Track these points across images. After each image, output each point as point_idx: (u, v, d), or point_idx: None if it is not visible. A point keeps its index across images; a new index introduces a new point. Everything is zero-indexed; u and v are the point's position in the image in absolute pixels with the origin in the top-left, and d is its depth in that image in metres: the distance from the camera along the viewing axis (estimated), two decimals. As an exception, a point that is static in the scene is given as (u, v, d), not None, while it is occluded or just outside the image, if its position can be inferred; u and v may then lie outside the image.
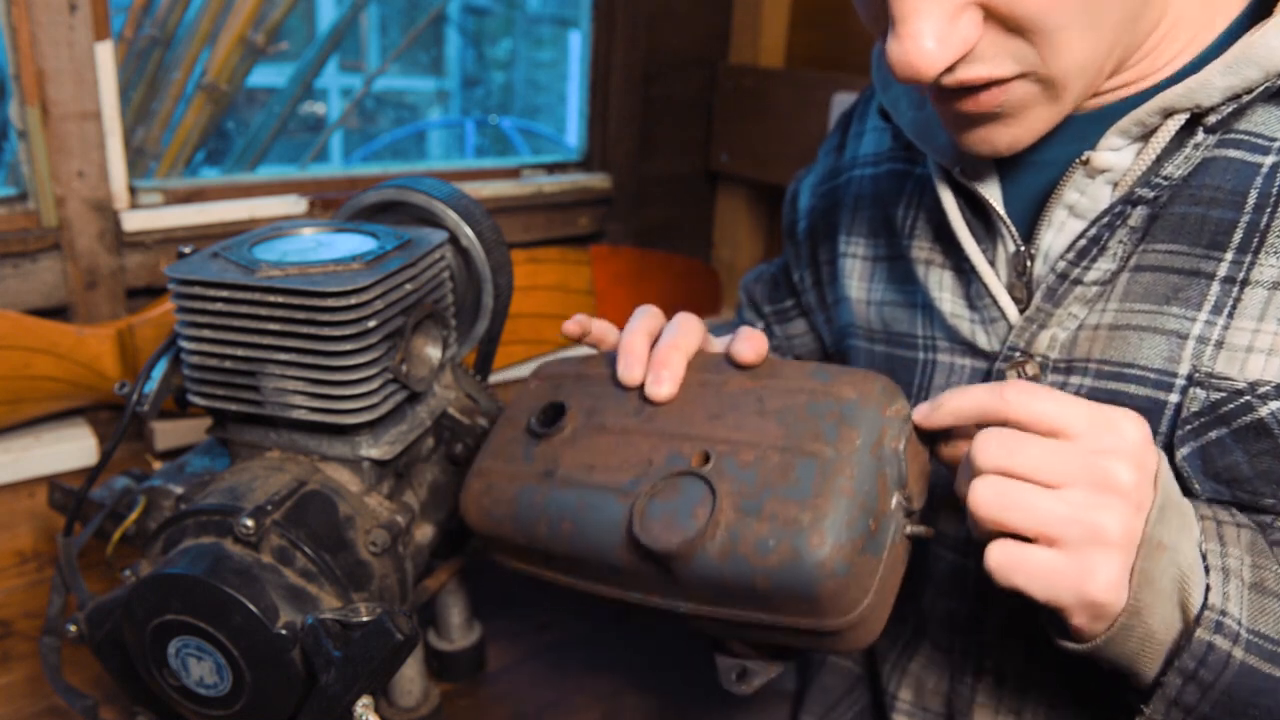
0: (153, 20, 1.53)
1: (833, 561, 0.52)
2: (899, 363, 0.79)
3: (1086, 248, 0.63)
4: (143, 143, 1.57)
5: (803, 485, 0.54)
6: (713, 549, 0.55)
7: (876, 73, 0.78)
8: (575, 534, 0.60)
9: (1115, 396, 0.63)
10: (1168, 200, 0.61)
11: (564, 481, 0.61)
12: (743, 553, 0.54)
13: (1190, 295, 0.60)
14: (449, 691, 0.95)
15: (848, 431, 0.56)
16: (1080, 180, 0.64)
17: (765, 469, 0.56)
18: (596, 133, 1.66)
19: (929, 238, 0.75)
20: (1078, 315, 0.65)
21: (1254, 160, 0.59)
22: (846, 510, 0.53)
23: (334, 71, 4.19)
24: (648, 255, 1.68)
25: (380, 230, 0.81)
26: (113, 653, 0.73)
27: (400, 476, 0.81)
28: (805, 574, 0.53)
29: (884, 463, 0.56)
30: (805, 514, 0.53)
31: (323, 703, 0.62)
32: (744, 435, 0.58)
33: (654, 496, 0.57)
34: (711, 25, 1.73)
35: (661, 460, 0.59)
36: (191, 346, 0.74)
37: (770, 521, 0.54)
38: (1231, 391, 0.59)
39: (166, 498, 0.79)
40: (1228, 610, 0.52)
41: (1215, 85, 0.57)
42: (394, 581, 0.77)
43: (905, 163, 0.80)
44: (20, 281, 1.12)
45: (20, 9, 1.04)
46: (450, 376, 0.86)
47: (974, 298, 0.71)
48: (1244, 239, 0.58)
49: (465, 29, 4.36)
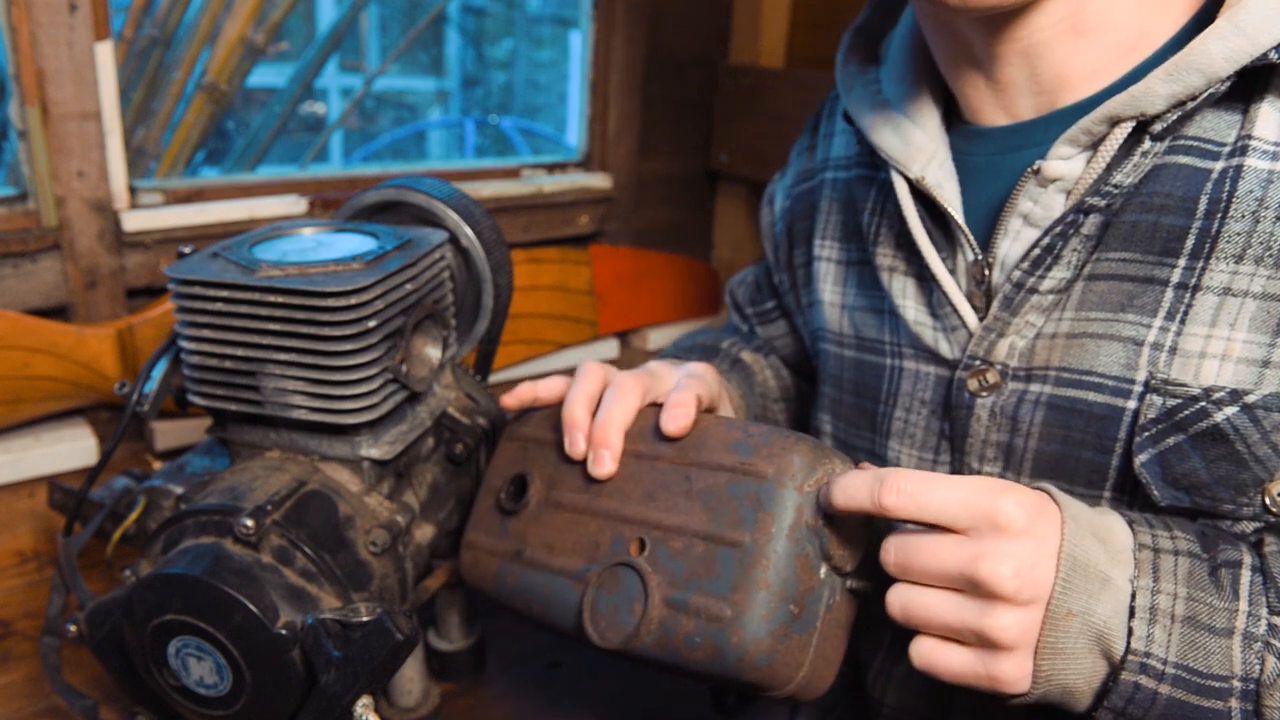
0: (153, 20, 1.53)
1: (753, 655, 0.57)
2: (868, 368, 0.79)
3: (1041, 256, 0.63)
4: (143, 143, 1.57)
5: (723, 579, 0.58)
6: (649, 641, 0.60)
7: (840, 76, 0.78)
8: (544, 615, 0.68)
9: (1074, 404, 0.64)
10: (1120, 208, 0.61)
11: (529, 563, 0.69)
12: (675, 646, 0.59)
13: (1145, 302, 0.60)
14: (449, 691, 0.95)
15: (764, 517, 0.59)
16: (1033, 189, 0.64)
17: (691, 559, 0.60)
18: (596, 133, 1.66)
19: (892, 245, 0.75)
20: (1035, 324, 0.65)
21: (1204, 166, 0.58)
22: (764, 604, 0.57)
23: (334, 71, 4.18)
24: (648, 255, 1.68)
25: (380, 230, 0.81)
26: (113, 653, 0.73)
27: (400, 476, 0.81)
28: (731, 666, 0.57)
29: (803, 544, 0.58)
30: (726, 609, 0.57)
31: (323, 703, 0.62)
32: (674, 519, 0.62)
33: (600, 588, 0.63)
34: (711, 25, 1.73)
35: (607, 545, 0.65)
36: (191, 346, 0.74)
37: (695, 618, 0.58)
38: (1187, 398, 0.59)
39: (166, 498, 0.79)
40: (1152, 652, 0.52)
41: (1158, 93, 0.57)
42: (394, 581, 0.77)
43: (870, 169, 0.80)
44: (20, 281, 1.12)
45: (20, 9, 1.04)
46: (450, 376, 0.86)
47: (935, 305, 0.71)
48: (1195, 245, 0.58)
49: (465, 29, 4.36)
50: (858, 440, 0.82)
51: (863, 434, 0.81)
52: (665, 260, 1.70)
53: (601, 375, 0.71)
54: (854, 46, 0.80)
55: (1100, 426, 0.63)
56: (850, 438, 0.82)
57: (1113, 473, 0.63)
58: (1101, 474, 0.64)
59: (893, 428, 0.76)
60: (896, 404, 0.76)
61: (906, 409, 0.75)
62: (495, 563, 0.71)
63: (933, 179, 0.68)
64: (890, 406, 0.77)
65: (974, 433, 0.69)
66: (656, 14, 1.63)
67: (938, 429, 0.73)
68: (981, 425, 0.69)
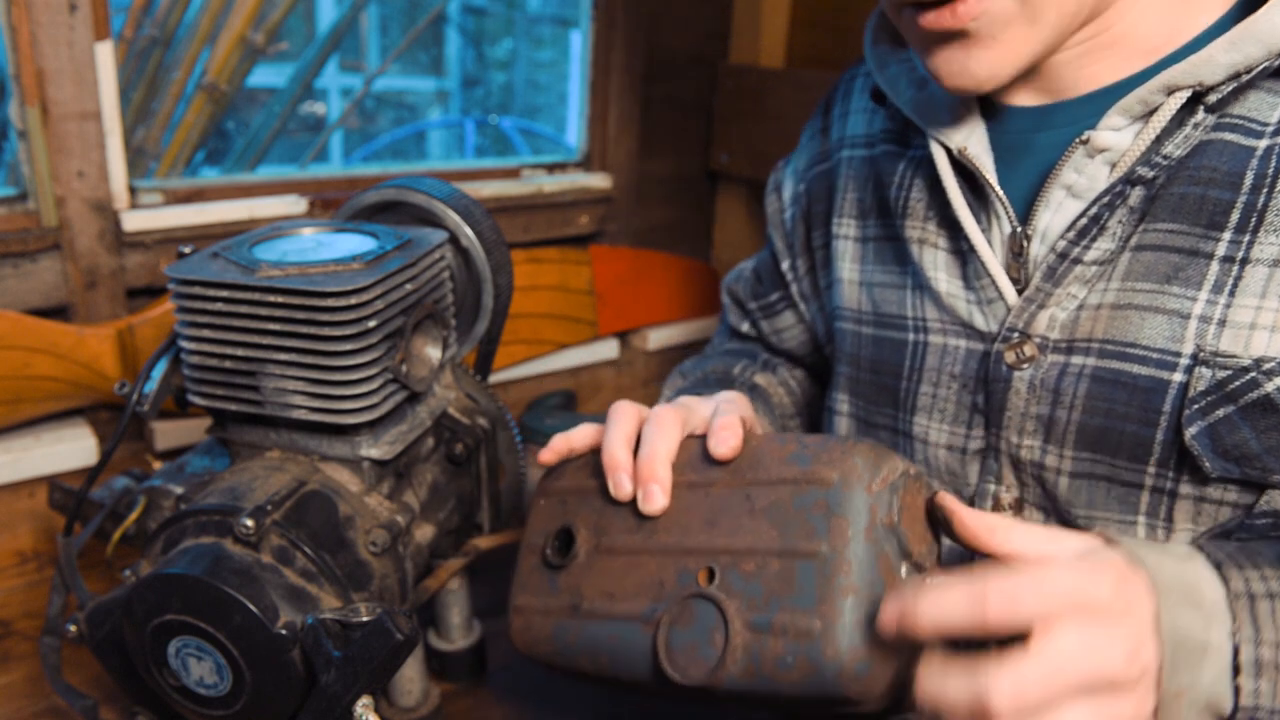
0: (153, 20, 1.53)
1: (852, 666, 0.53)
2: (887, 345, 0.79)
3: (1087, 227, 0.63)
4: (143, 143, 1.57)
5: (806, 593, 0.55)
6: (736, 671, 0.56)
7: (871, 54, 0.79)
8: (612, 665, 0.62)
9: (1118, 376, 0.64)
10: (1166, 180, 0.62)
11: (589, 615, 0.64)
12: (766, 672, 0.55)
13: (1190, 275, 0.61)
14: (449, 691, 0.95)
15: (838, 523, 0.56)
16: (1079, 160, 0.64)
17: (768, 579, 0.57)
18: (596, 133, 1.66)
19: (923, 218, 0.75)
20: (1077, 295, 0.66)
21: (1248, 144, 0.60)
22: (854, 609, 0.54)
23: (334, 71, 4.19)
24: (648, 255, 1.68)
25: (380, 230, 0.81)
26: (113, 653, 0.73)
27: (400, 476, 0.81)
28: (828, 683, 0.53)
29: (881, 543, 0.55)
30: (815, 622, 0.54)
31: (323, 703, 0.62)
32: (741, 542, 0.59)
33: (674, 624, 0.59)
34: (711, 25, 1.73)
35: (673, 580, 0.60)
36: (191, 346, 0.74)
37: (783, 636, 0.55)
38: (1237, 369, 0.59)
39: (166, 498, 0.79)
40: (1260, 704, 0.51)
41: (1219, 62, 0.58)
42: (394, 581, 0.77)
43: (898, 144, 0.80)
44: (20, 281, 1.12)
45: (20, 9, 1.04)
46: (450, 376, 0.86)
47: (971, 278, 0.72)
48: (1241, 219, 0.59)
49: (465, 29, 4.36)
50: (879, 417, 0.81)
51: (884, 410, 0.81)
52: (665, 260, 1.70)
53: (636, 413, 0.68)
54: (881, 26, 0.81)
55: (1145, 399, 0.63)
56: (870, 415, 0.82)
57: (1157, 446, 0.63)
58: (1146, 447, 0.64)
59: (919, 403, 0.76)
60: (922, 379, 0.76)
61: (934, 384, 0.75)
62: (550, 622, 0.66)
63: (972, 150, 0.69)
64: (915, 382, 0.77)
65: (1012, 405, 0.69)
66: (656, 14, 1.63)
67: (970, 403, 0.73)
68: (1020, 398, 0.69)
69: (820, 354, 0.97)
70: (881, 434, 0.82)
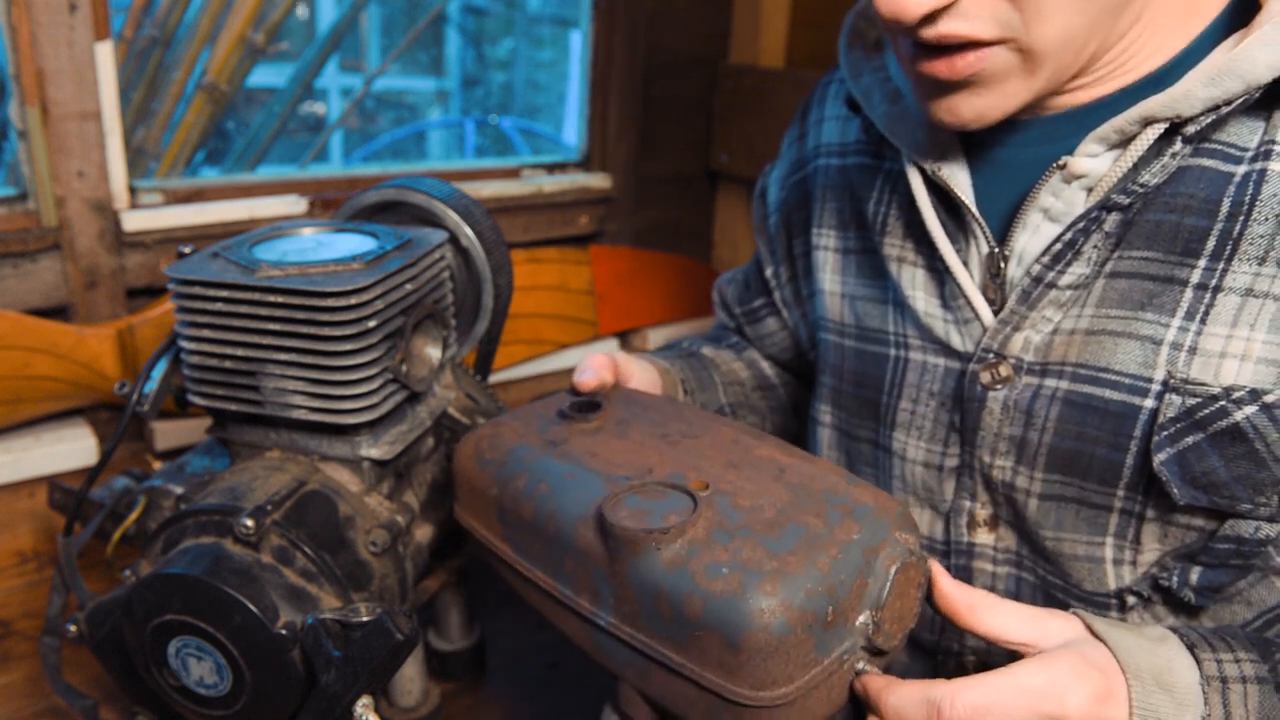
0: (153, 20, 1.53)
1: (774, 614, 0.49)
2: (869, 358, 0.79)
3: (1061, 252, 0.63)
4: (143, 143, 1.57)
5: (782, 543, 0.52)
6: (665, 553, 0.52)
7: (845, 60, 0.78)
8: (547, 496, 0.59)
9: (1090, 400, 0.64)
10: (1142, 207, 0.61)
11: (562, 455, 0.62)
12: (691, 569, 0.51)
13: (1164, 301, 0.61)
14: (449, 691, 0.95)
15: (850, 524, 0.54)
16: (1056, 185, 0.64)
17: (755, 518, 0.54)
18: (596, 133, 1.66)
19: (901, 235, 0.75)
20: (1052, 319, 0.66)
21: (1226, 170, 0.59)
22: (813, 580, 0.50)
23: (334, 71, 4.18)
24: (648, 255, 1.68)
25: (380, 230, 0.81)
26: (113, 653, 0.73)
27: (400, 476, 0.81)
28: (741, 613, 0.49)
29: (870, 572, 0.53)
30: (770, 562, 0.51)
31: (323, 703, 0.62)
32: (751, 487, 0.57)
33: (636, 492, 0.56)
34: (711, 25, 1.73)
35: (663, 474, 0.59)
36: (191, 346, 0.74)
37: (732, 554, 0.51)
38: (1207, 397, 0.59)
39: (166, 498, 0.79)
40: None
41: (1197, 96, 0.57)
42: (394, 581, 0.77)
43: (873, 156, 0.79)
44: (20, 281, 1.12)
45: (20, 9, 1.04)
46: (450, 376, 0.86)
47: (948, 297, 0.71)
48: (1217, 246, 0.59)
49: (465, 29, 4.36)
50: (860, 431, 0.81)
51: (865, 424, 0.81)
52: (665, 260, 1.70)
53: None
54: (857, 30, 0.80)
55: (1116, 424, 0.63)
56: (852, 428, 0.82)
57: (1127, 471, 0.63)
58: (1115, 472, 0.64)
59: (898, 419, 0.76)
60: (902, 395, 0.76)
61: (913, 400, 0.75)
62: (517, 441, 0.64)
63: (946, 170, 0.68)
64: (894, 397, 0.77)
65: (986, 425, 0.69)
66: (656, 14, 1.63)
67: (947, 421, 0.73)
68: (994, 418, 0.69)
69: (805, 360, 0.97)
70: (862, 447, 0.81)
